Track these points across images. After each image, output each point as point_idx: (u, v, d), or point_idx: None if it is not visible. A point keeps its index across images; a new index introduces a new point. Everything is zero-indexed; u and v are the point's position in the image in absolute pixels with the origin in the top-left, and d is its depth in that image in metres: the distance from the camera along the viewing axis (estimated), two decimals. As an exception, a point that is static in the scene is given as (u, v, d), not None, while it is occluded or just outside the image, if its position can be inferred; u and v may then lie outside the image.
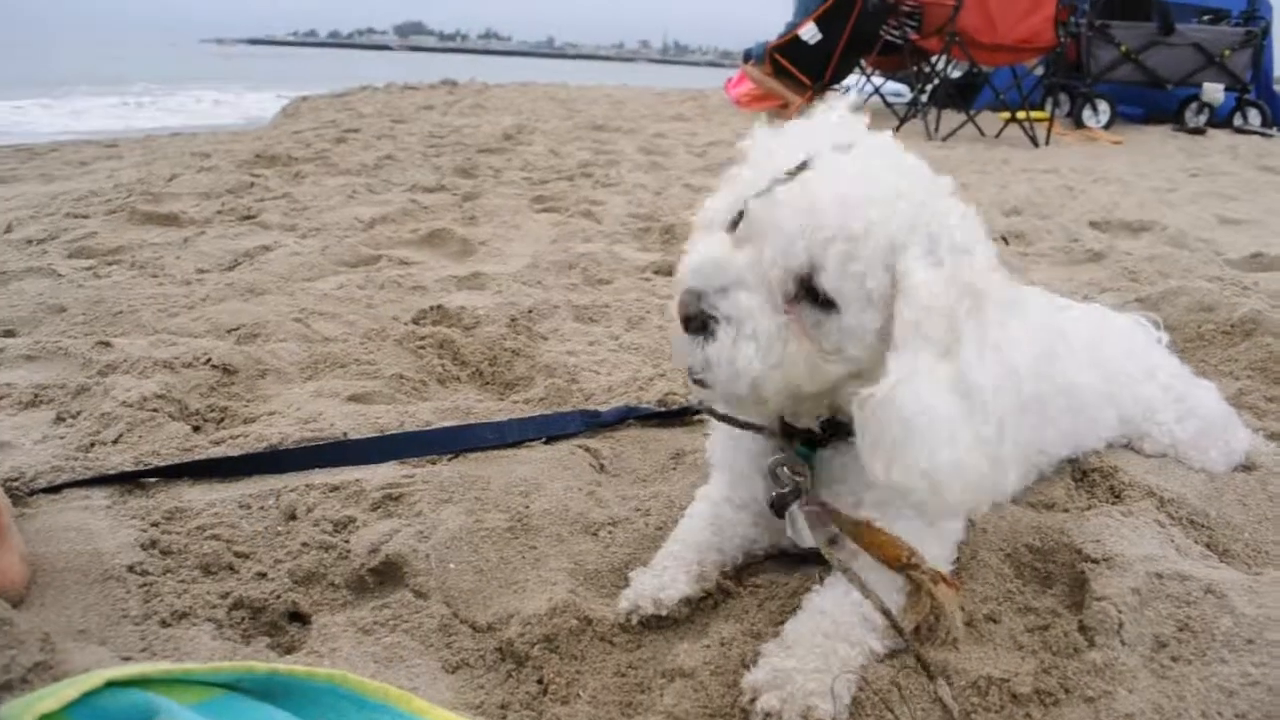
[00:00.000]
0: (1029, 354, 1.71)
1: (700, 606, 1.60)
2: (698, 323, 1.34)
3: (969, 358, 1.28)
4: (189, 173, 6.23)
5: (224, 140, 9.15)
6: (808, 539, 1.52)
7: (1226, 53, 13.11)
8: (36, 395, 2.37)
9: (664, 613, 1.53)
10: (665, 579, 1.57)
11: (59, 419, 2.26)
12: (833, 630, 1.42)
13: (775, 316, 1.34)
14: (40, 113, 14.48)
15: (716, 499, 1.72)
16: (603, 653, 1.49)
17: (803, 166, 1.37)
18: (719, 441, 1.74)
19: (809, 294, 1.34)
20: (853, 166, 1.37)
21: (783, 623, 1.49)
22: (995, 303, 1.35)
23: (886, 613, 1.37)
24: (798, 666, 1.37)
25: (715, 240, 1.43)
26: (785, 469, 1.55)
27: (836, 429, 1.53)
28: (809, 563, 1.63)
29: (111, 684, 1.06)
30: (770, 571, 1.69)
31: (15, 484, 1.86)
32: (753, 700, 1.34)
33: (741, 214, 1.41)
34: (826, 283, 1.31)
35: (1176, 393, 2.10)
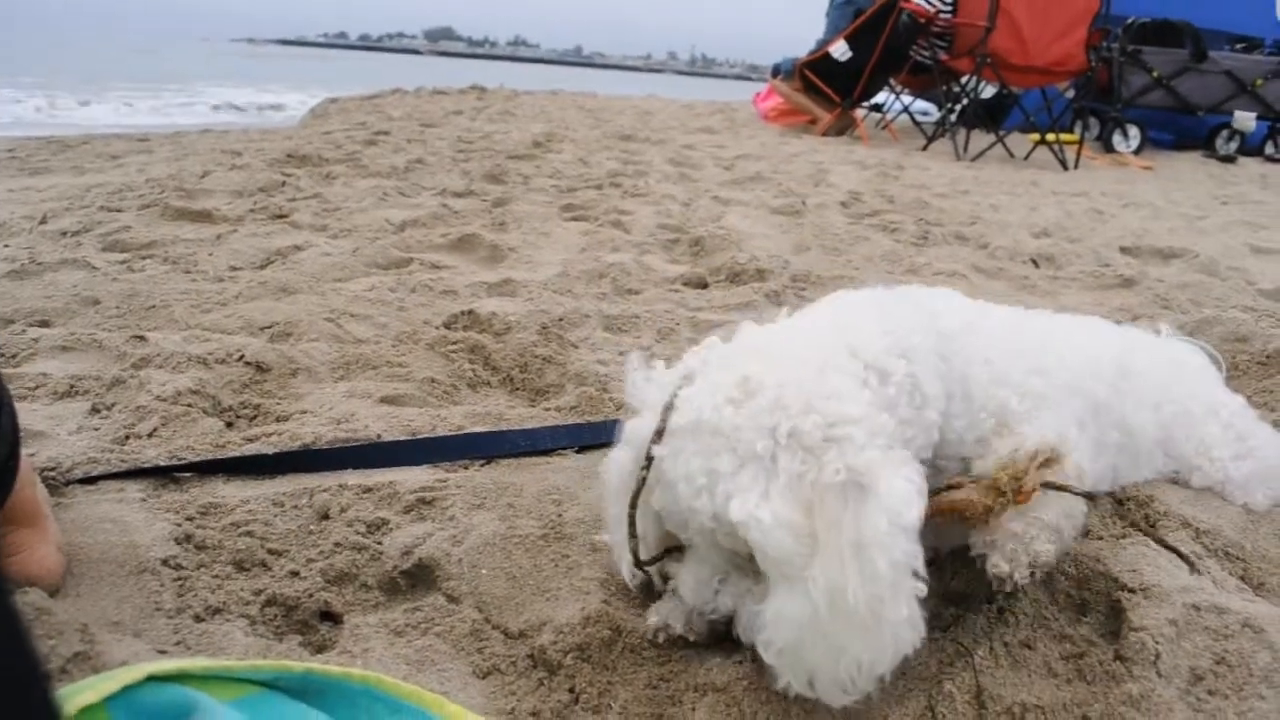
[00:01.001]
0: (1093, 388, 1.79)
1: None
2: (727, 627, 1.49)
3: (817, 575, 1.25)
4: (221, 170, 6.27)
5: (254, 138, 9.22)
6: None
7: (1259, 81, 13.04)
8: (72, 386, 2.39)
9: (692, 637, 1.51)
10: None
11: (94, 410, 2.28)
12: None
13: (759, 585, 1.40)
14: (69, 107, 14.62)
15: None
16: (634, 664, 1.49)
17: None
18: None
19: None
20: (679, 441, 1.39)
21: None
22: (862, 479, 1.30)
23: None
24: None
25: (688, 556, 1.50)
26: None
27: None
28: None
29: (152, 678, 1.07)
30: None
31: (52, 474, 1.88)
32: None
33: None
34: (743, 551, 1.36)
35: (1237, 431, 2.07)
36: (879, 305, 1.63)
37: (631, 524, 1.49)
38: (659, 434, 1.41)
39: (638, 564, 1.55)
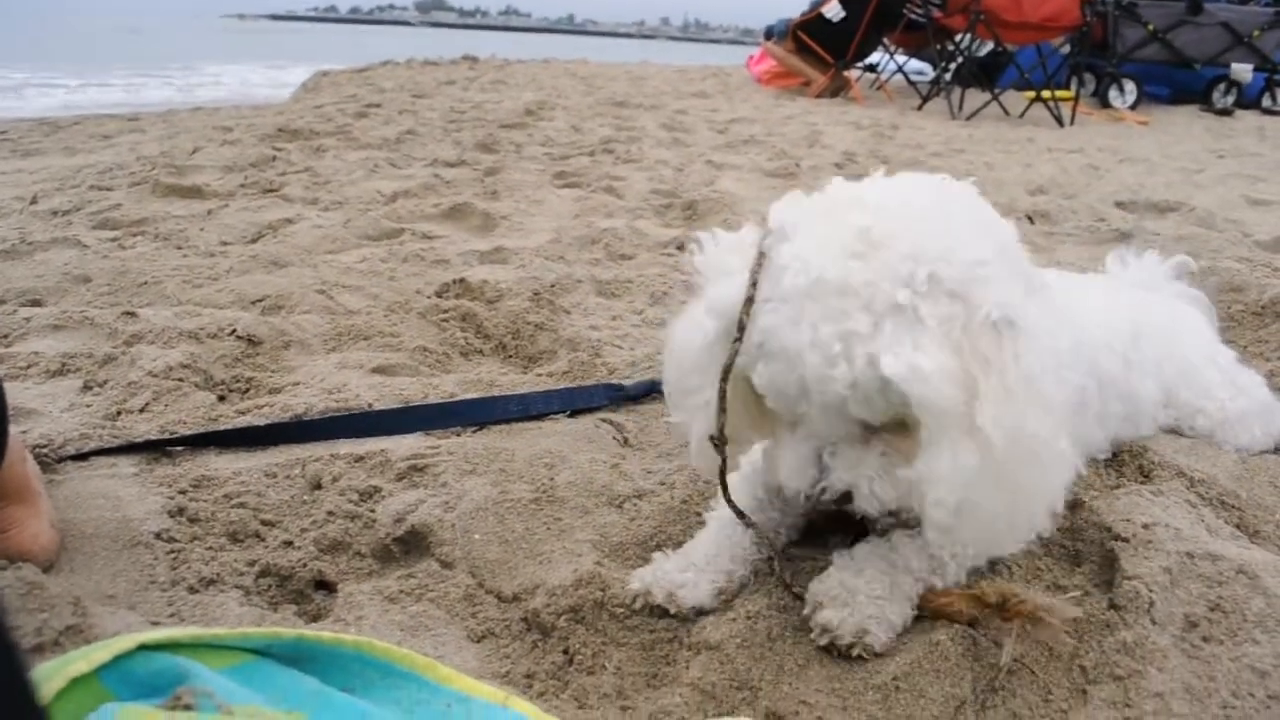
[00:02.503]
0: (1108, 363, 1.74)
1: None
2: (841, 501, 1.37)
3: (983, 422, 1.22)
4: (211, 146, 6.23)
5: (245, 114, 9.16)
6: None
7: (1256, 33, 12.92)
8: (64, 364, 2.38)
9: (673, 610, 1.48)
10: (688, 578, 1.51)
11: (86, 387, 2.27)
12: (899, 562, 1.44)
13: (871, 452, 1.34)
14: (62, 87, 14.53)
15: (762, 494, 1.64)
16: (628, 624, 1.48)
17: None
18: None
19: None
20: (799, 328, 1.27)
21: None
22: (1022, 297, 1.29)
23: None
24: (864, 589, 1.41)
25: (783, 434, 1.42)
26: None
27: None
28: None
29: (143, 647, 1.06)
30: (803, 545, 1.67)
31: (44, 451, 1.87)
32: (815, 610, 1.40)
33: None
34: (877, 420, 1.31)
35: (1230, 375, 2.13)
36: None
37: (722, 398, 1.38)
38: (748, 302, 1.31)
39: (722, 441, 1.43)
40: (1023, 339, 1.25)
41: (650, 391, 2.33)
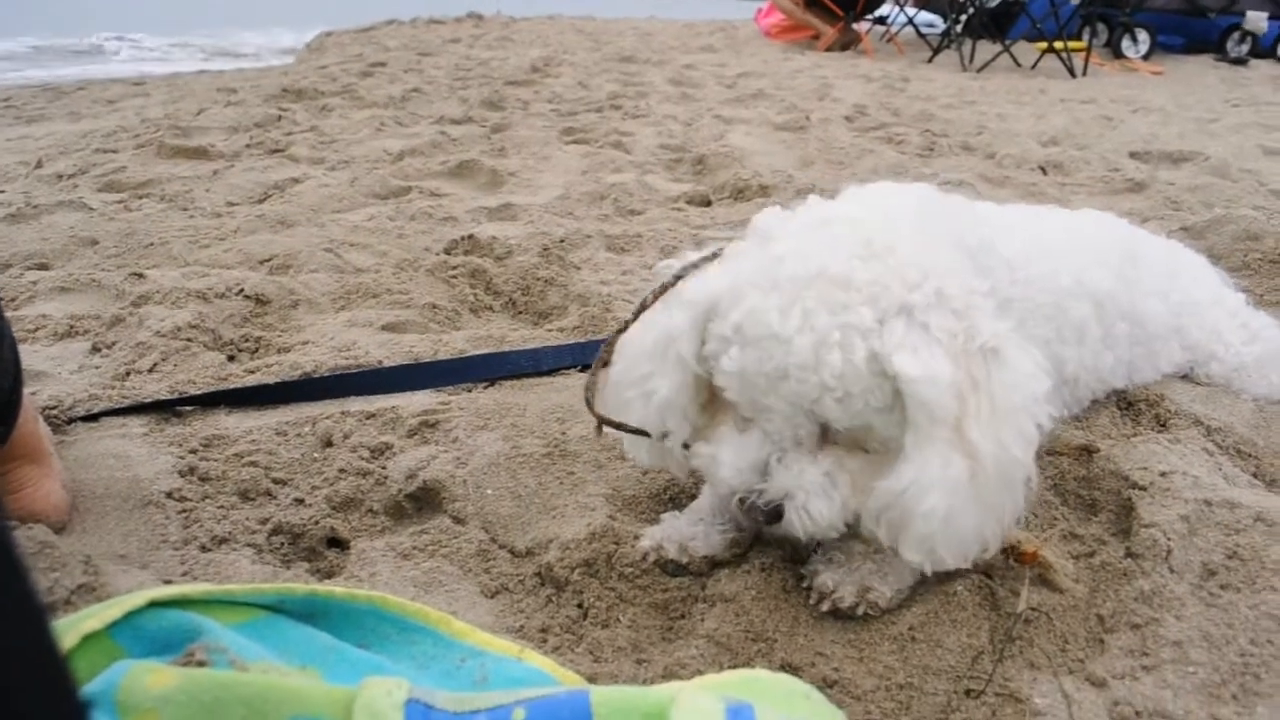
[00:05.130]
0: (1099, 280, 1.67)
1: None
2: (769, 517, 1.32)
3: (976, 437, 1.22)
4: (216, 107, 6.20)
5: (250, 76, 9.12)
6: None
7: (1272, -21, 12.73)
8: (72, 326, 2.37)
9: (685, 561, 1.47)
10: (698, 530, 1.50)
11: (94, 349, 2.26)
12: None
13: (817, 466, 1.31)
14: (68, 55, 14.45)
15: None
16: (642, 578, 1.48)
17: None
18: None
19: (827, 432, 1.32)
20: (780, 316, 1.24)
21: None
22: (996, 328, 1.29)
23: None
24: (861, 548, 1.40)
25: (728, 436, 1.38)
26: None
27: None
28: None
29: (154, 604, 1.06)
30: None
31: (54, 412, 1.87)
32: (812, 576, 1.39)
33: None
34: (841, 426, 1.28)
35: (1242, 319, 2.11)
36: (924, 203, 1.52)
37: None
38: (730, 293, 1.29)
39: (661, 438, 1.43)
40: (1008, 370, 1.26)
41: (662, 345, 2.32)
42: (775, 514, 1.31)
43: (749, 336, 1.26)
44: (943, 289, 1.25)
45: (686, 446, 1.43)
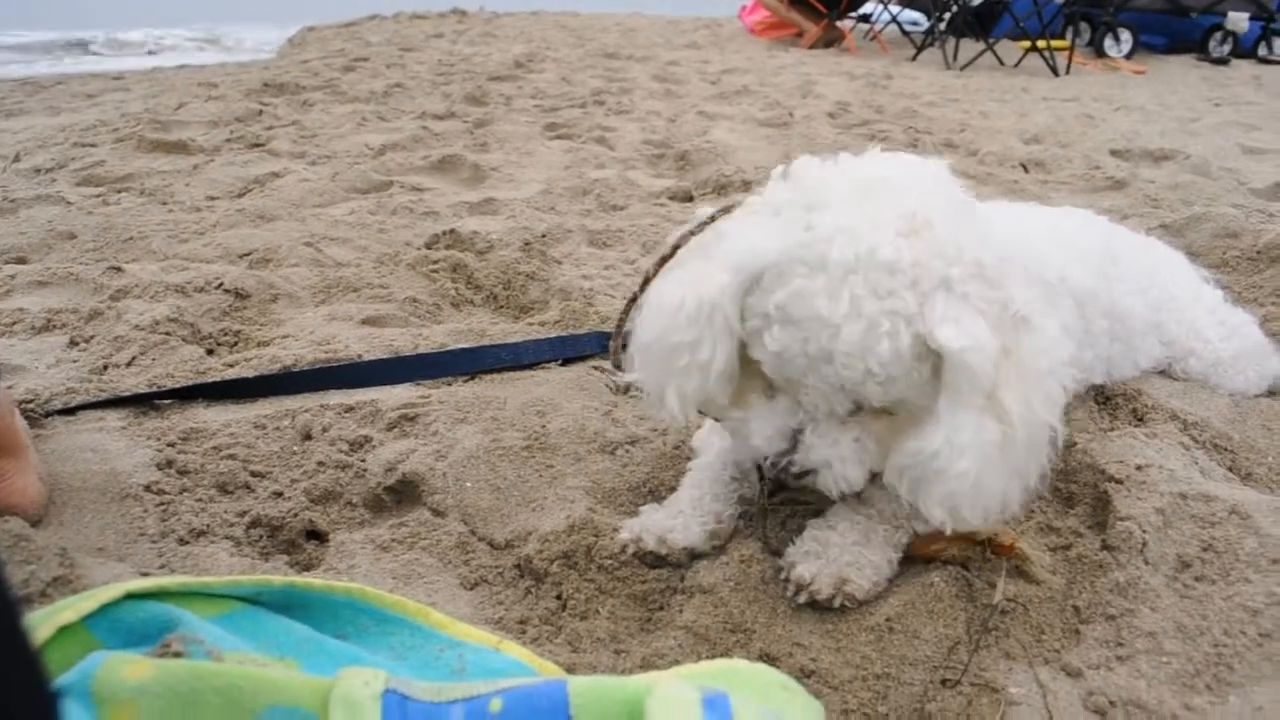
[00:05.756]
0: (1080, 276, 1.69)
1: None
2: (799, 479, 1.36)
3: (1009, 403, 1.25)
4: (196, 102, 6.16)
5: (231, 71, 9.06)
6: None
7: (1253, -20, 12.81)
8: (49, 320, 2.36)
9: (664, 553, 1.47)
10: (678, 523, 1.50)
11: (72, 343, 2.25)
12: (875, 513, 1.45)
13: (848, 433, 1.34)
14: (45, 51, 14.33)
15: None
16: (621, 569, 1.48)
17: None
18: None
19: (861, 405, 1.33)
20: (828, 298, 1.24)
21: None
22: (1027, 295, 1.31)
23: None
24: (837, 540, 1.41)
25: (759, 404, 1.39)
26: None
27: None
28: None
29: (130, 596, 1.05)
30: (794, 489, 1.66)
31: (31, 406, 1.86)
32: (789, 569, 1.39)
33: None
34: (879, 403, 1.30)
35: (1220, 315, 2.13)
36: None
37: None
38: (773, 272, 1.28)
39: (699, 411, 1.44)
40: (1037, 336, 1.28)
41: (642, 339, 2.31)
42: (805, 474, 1.35)
43: (793, 317, 1.25)
44: (980, 259, 1.26)
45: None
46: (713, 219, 1.42)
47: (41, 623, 0.99)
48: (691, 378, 1.36)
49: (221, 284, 2.56)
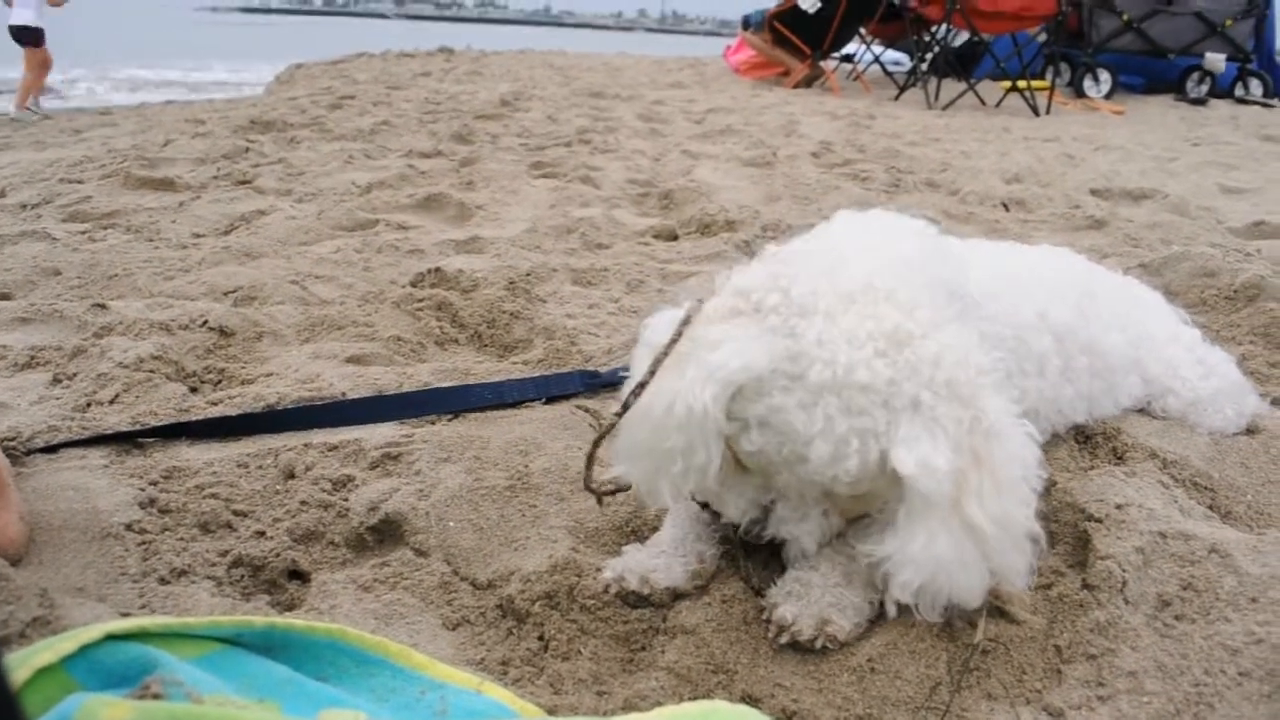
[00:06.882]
0: (1059, 313, 1.77)
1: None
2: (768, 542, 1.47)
3: (973, 513, 1.29)
4: (184, 138, 6.18)
5: (219, 108, 9.10)
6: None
7: (1229, 22, 13.03)
8: (33, 357, 2.35)
9: (646, 592, 1.47)
10: (660, 563, 1.51)
11: (55, 380, 2.24)
12: (856, 553, 1.45)
13: (816, 509, 1.43)
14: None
15: None
16: (603, 610, 1.48)
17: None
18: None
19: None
20: (808, 413, 1.29)
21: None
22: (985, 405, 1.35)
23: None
24: (819, 581, 1.42)
25: (733, 479, 1.45)
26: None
27: None
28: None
29: (110, 637, 1.05)
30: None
31: (12, 444, 1.85)
32: (771, 610, 1.40)
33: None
34: (847, 495, 1.38)
35: (1198, 354, 2.14)
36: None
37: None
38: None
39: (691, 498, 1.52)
40: (1007, 446, 1.35)
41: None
42: (772, 541, 1.45)
43: (771, 426, 1.32)
44: (953, 379, 1.31)
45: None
46: (687, 320, 1.43)
47: (20, 664, 0.99)
48: (688, 479, 1.41)
49: (206, 321, 2.56)
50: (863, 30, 13.95)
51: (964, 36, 13.08)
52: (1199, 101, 12.89)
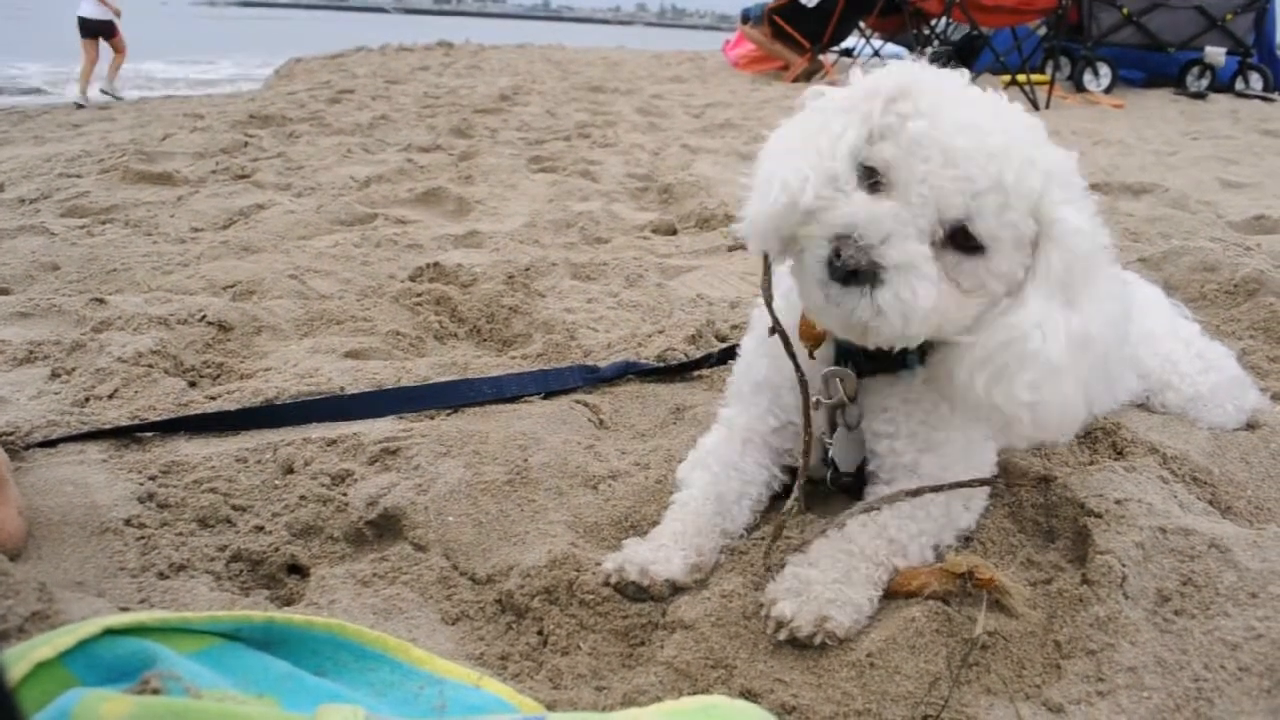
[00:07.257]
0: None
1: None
2: (868, 273, 1.32)
3: (1090, 310, 1.36)
4: (182, 133, 6.17)
5: (217, 102, 9.09)
6: (847, 462, 1.61)
7: (1229, 16, 13.01)
8: (31, 352, 2.35)
9: (646, 584, 1.47)
10: (660, 555, 1.51)
11: (54, 375, 2.24)
12: (855, 549, 1.46)
13: (934, 262, 1.36)
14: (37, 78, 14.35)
15: (717, 468, 1.67)
16: (602, 604, 1.48)
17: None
18: (753, 366, 1.73)
19: (953, 239, 1.36)
20: (973, 113, 1.36)
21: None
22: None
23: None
24: (819, 577, 1.41)
25: (858, 197, 1.38)
26: (839, 380, 1.58)
27: (885, 359, 1.55)
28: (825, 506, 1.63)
29: (109, 631, 1.05)
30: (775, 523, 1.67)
31: (11, 439, 1.85)
32: (769, 606, 1.39)
33: (864, 165, 1.40)
34: (982, 230, 1.35)
35: (1197, 349, 2.15)
36: None
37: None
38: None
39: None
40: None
41: (625, 373, 2.32)
42: (871, 271, 1.31)
43: (942, 114, 1.35)
44: (1084, 187, 1.45)
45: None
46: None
47: (18, 659, 0.98)
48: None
49: (205, 316, 2.56)
50: (862, 24, 13.93)
51: (964, 30, 13.07)
52: (1199, 95, 12.87)
